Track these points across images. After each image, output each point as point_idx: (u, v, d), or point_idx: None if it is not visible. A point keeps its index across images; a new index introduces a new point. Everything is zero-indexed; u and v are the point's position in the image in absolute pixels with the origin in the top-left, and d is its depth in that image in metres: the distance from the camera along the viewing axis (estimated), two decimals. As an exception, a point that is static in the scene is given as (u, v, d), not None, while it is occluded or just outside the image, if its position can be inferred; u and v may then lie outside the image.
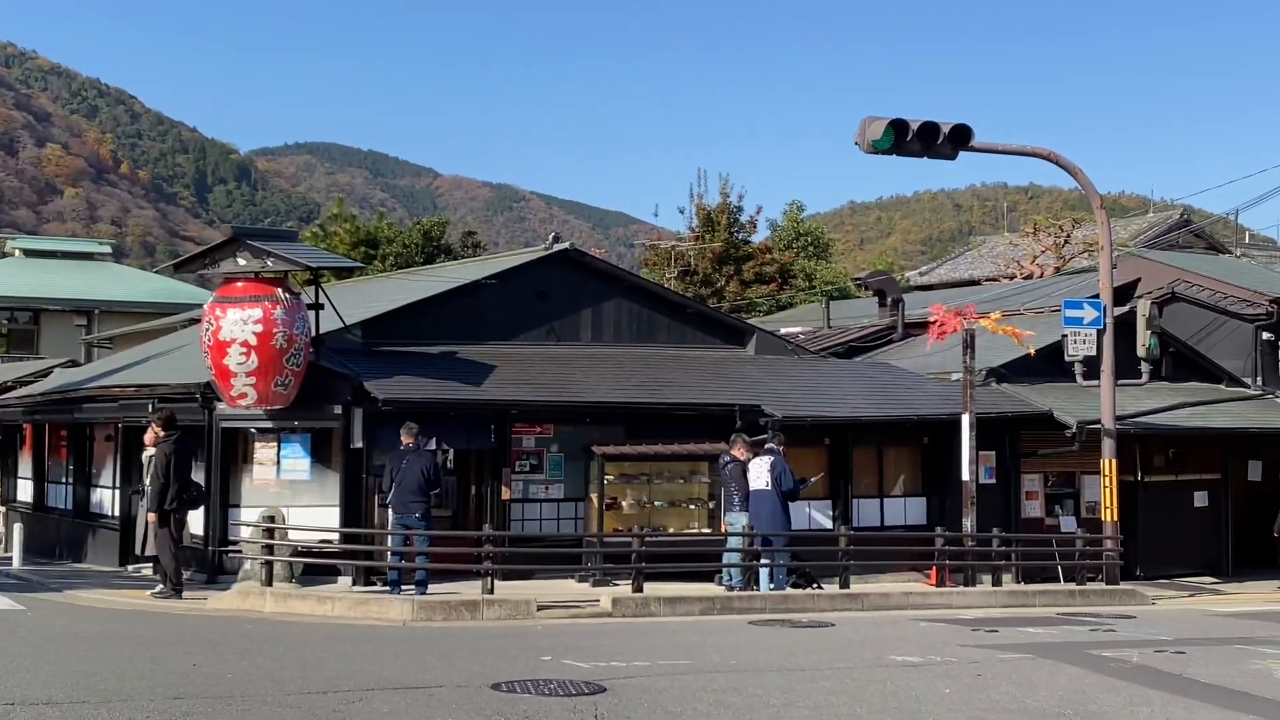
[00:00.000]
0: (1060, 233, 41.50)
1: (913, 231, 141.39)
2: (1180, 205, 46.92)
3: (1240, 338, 25.06)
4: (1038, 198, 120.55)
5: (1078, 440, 20.55)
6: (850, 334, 27.40)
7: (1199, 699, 10.48)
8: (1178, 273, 26.64)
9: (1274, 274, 29.81)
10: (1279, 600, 19.62)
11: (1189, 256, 31.68)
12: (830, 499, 20.49)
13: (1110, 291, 20.45)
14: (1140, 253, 30.36)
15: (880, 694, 10.32)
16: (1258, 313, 24.84)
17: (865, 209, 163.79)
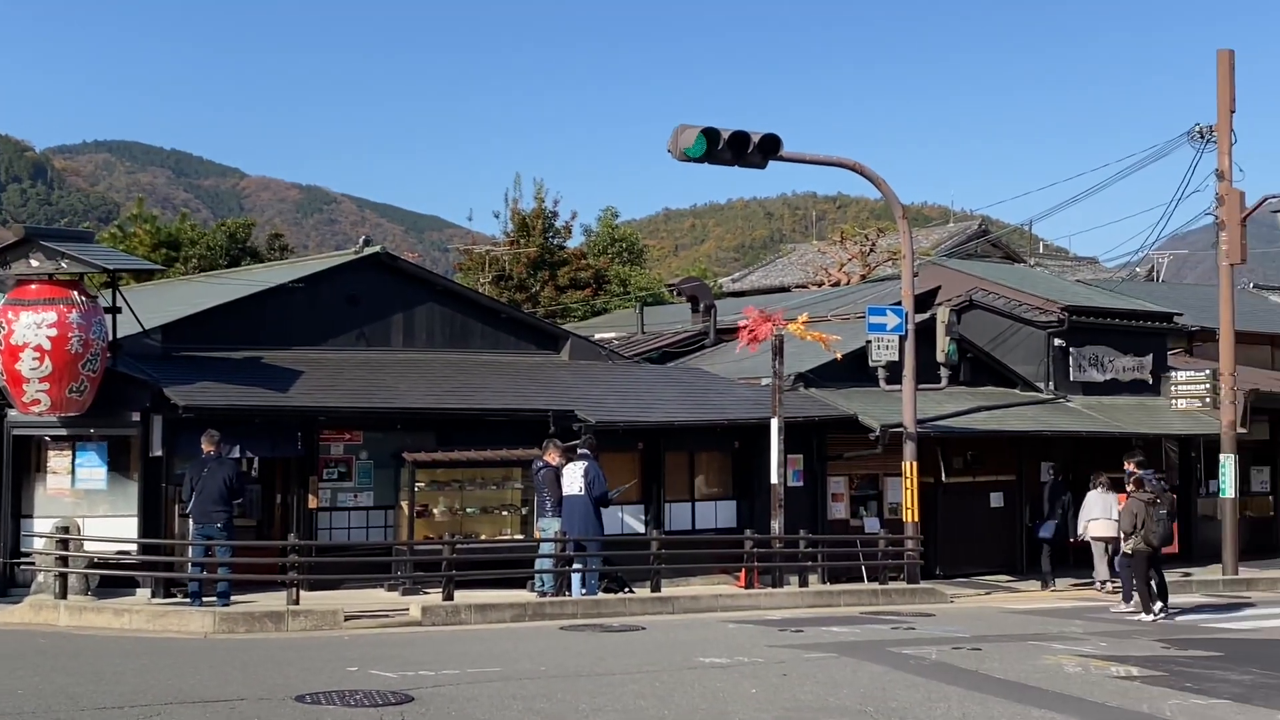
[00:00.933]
0: (866, 241, 42.59)
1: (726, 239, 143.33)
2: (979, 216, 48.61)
3: (1034, 344, 26.01)
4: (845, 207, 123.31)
5: (881, 443, 21.09)
6: (664, 340, 27.63)
7: (994, 694, 10.85)
8: (976, 281, 27.54)
9: (1065, 283, 31.06)
10: (1070, 597, 20.43)
11: (987, 265, 32.80)
12: (643, 503, 20.62)
13: (912, 299, 21.04)
14: (941, 261, 31.33)
15: (689, 696, 10.43)
16: (1050, 320, 25.83)
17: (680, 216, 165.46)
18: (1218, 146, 23.21)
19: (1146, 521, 17.52)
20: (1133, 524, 17.64)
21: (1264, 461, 28.02)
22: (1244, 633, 16.04)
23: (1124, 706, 10.47)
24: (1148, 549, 17.57)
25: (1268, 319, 32.14)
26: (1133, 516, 17.67)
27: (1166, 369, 26.81)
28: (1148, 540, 17.52)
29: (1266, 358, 30.35)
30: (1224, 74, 23.04)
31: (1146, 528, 17.50)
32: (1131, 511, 17.74)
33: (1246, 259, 23.61)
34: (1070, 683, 11.57)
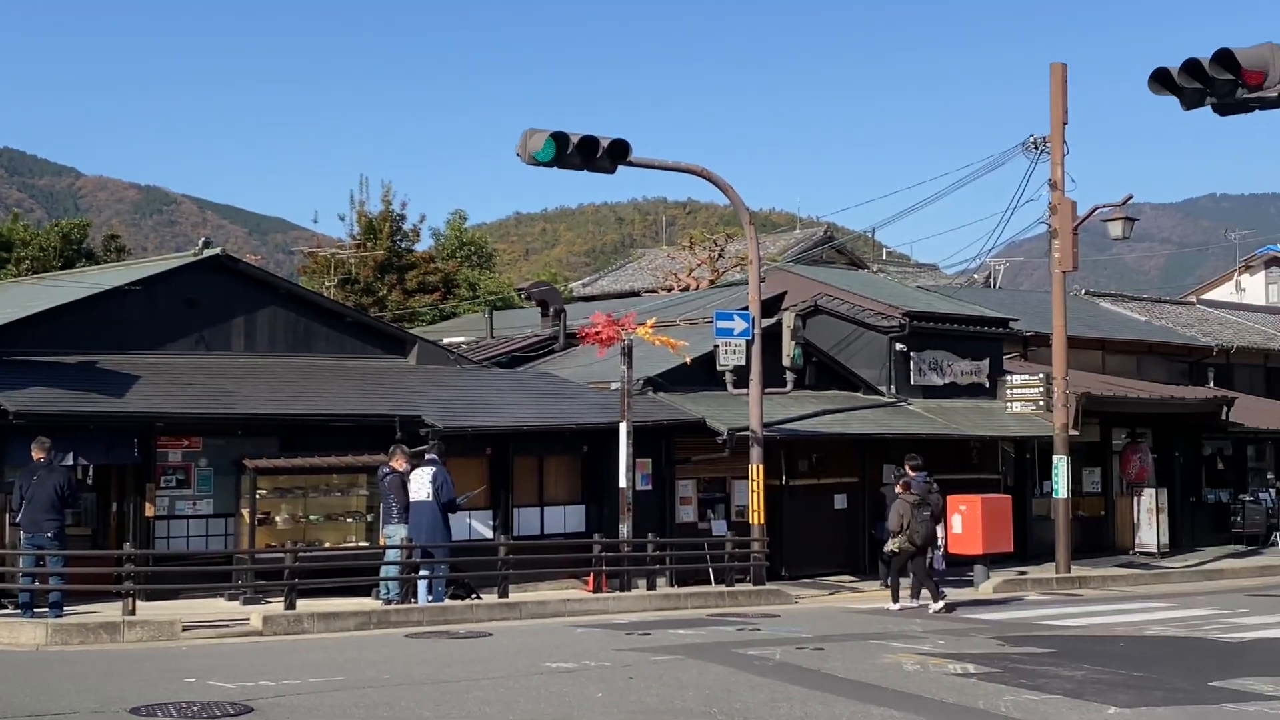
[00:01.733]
0: (715, 247, 42.96)
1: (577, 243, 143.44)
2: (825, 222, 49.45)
3: (876, 348, 26.53)
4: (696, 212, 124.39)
5: (729, 446, 21.29)
6: (513, 344, 27.51)
7: (835, 693, 11.03)
8: (821, 287, 28.00)
9: (907, 289, 31.73)
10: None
11: (831, 271, 33.38)
12: (491, 509, 20.51)
13: (759, 304, 21.31)
14: (787, 267, 31.78)
15: (534, 701, 10.40)
16: (892, 325, 26.38)
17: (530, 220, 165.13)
18: (1051, 157, 23.93)
19: (911, 522, 18.40)
20: (899, 524, 18.49)
21: (1095, 462, 28.99)
22: (1076, 629, 16.54)
23: (961, 703, 10.72)
24: (911, 548, 18.48)
25: (1099, 325, 33.29)
26: (899, 517, 18.52)
27: (1003, 373, 27.56)
28: (911, 540, 18.40)
29: (1098, 362, 31.43)
30: (1057, 87, 23.77)
31: (911, 528, 18.39)
32: (898, 512, 18.59)
33: (1078, 266, 24.38)
34: (910, 681, 11.81)
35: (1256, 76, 13.61)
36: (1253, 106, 14.19)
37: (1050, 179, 23.82)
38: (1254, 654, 14.38)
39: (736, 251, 40.49)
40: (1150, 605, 19.70)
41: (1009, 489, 25.91)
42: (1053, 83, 23.86)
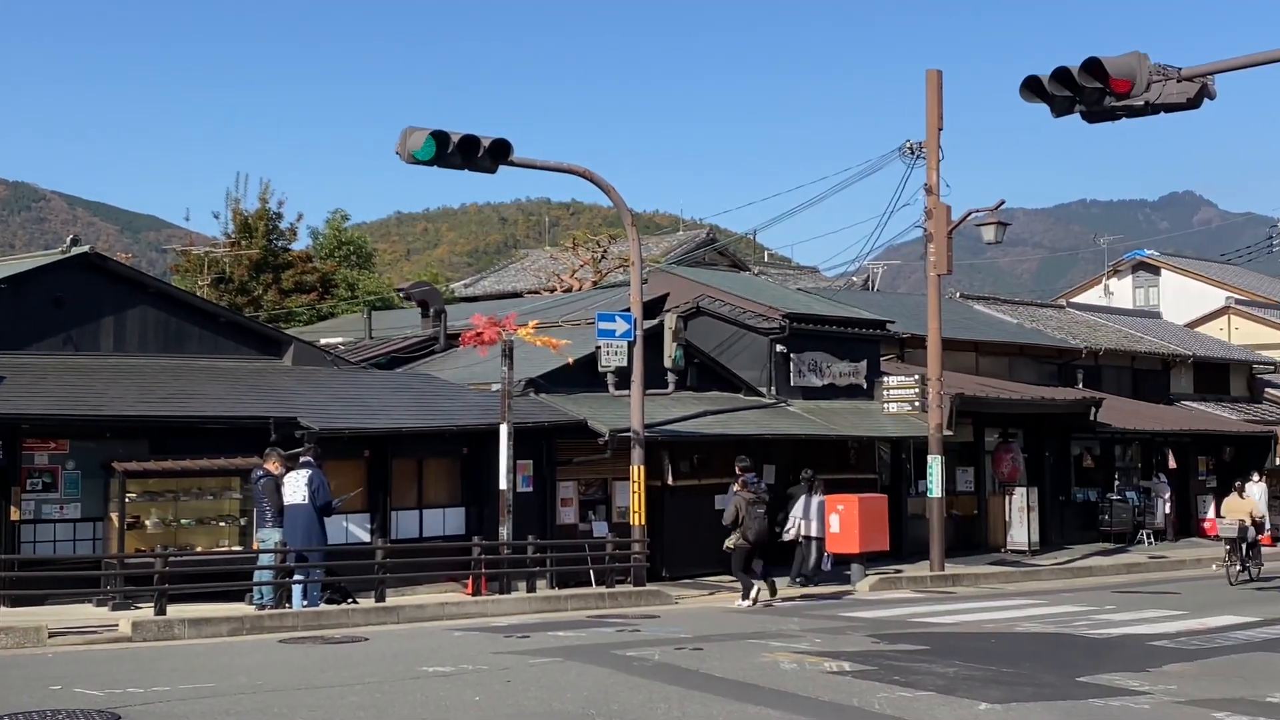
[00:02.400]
0: (598, 248, 43.01)
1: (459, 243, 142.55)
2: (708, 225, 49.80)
3: (757, 349, 26.74)
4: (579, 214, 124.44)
5: (610, 448, 21.30)
6: (393, 345, 27.24)
7: (713, 693, 11.07)
8: (703, 288, 28.15)
9: (788, 291, 32.05)
10: (788, 596, 21.03)
11: (713, 273, 33.58)
12: (369, 511, 20.26)
13: (640, 305, 21.34)
14: (669, 269, 31.89)
15: (410, 705, 10.28)
16: (772, 327, 26.60)
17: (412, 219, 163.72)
18: (927, 162, 24.36)
19: (745, 519, 18.90)
20: (735, 520, 19.01)
21: (969, 462, 29.54)
22: (949, 626, 16.82)
23: (836, 701, 10.82)
24: (746, 544, 18.99)
25: (973, 327, 33.92)
26: (735, 512, 19.03)
27: (880, 374, 27.96)
28: (745, 536, 18.91)
29: (971, 363, 32.03)
30: (933, 93, 24.19)
31: (745, 524, 18.89)
32: (735, 508, 19.08)
33: (953, 270, 24.82)
34: (786, 679, 11.90)
35: (1124, 85, 14.00)
36: (1120, 114, 14.60)
37: (926, 184, 24.24)
38: (1120, 649, 14.74)
39: (619, 253, 40.57)
40: (1021, 602, 20.11)
41: (885, 488, 26.30)
42: (928, 89, 24.27)
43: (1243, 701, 11.31)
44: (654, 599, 19.67)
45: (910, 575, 23.09)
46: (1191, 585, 23.45)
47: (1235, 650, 14.85)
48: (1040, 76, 14.31)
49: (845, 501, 22.37)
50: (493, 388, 21.32)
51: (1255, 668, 13.54)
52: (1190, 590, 22.32)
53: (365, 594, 17.90)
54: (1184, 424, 34.17)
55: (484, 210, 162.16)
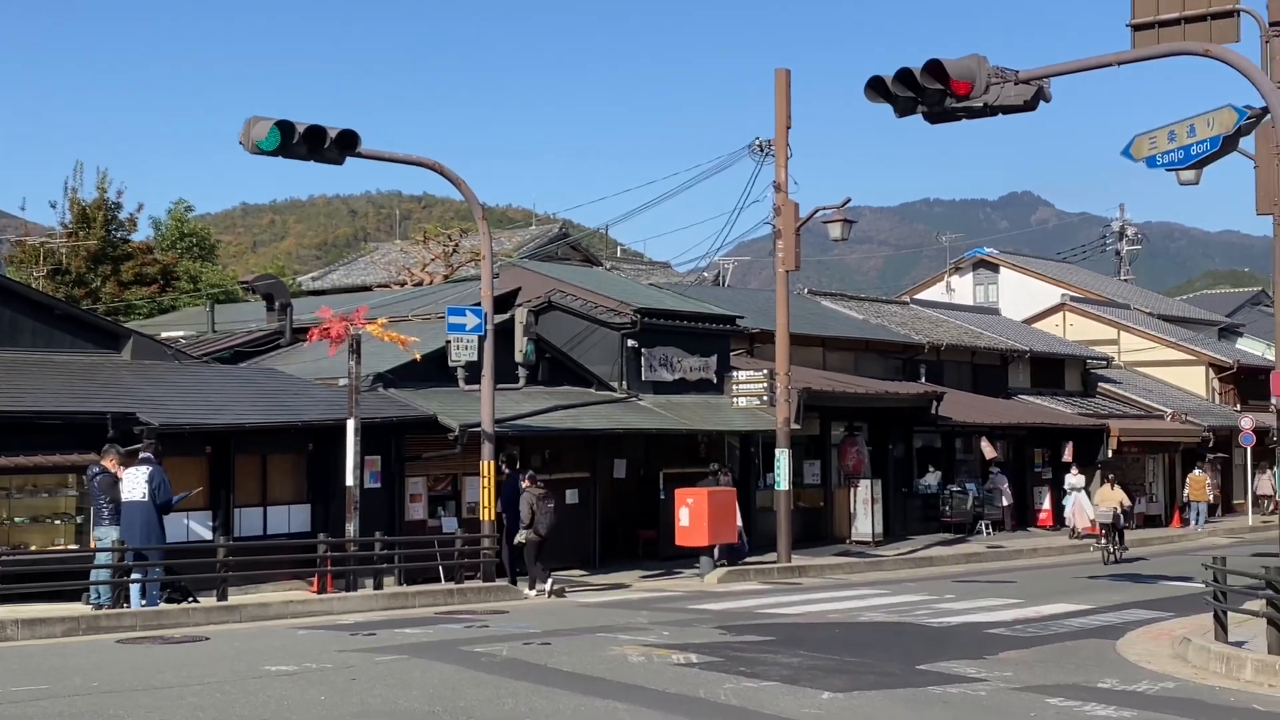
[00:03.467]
0: (449, 242, 42.65)
1: (308, 236, 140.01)
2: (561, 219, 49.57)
3: (609, 344, 26.81)
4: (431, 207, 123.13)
5: (460, 443, 21.15)
6: (236, 339, 26.66)
7: (560, 687, 11.08)
8: (555, 283, 28.12)
9: (639, 286, 32.19)
10: (638, 589, 21.17)
11: (565, 268, 33.56)
12: (211, 509, 19.80)
13: (491, 300, 21.23)
14: (521, 263, 31.80)
15: (251, 705, 10.09)
16: (624, 321, 26.68)
17: (258, 211, 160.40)
18: (775, 160, 24.70)
19: (537, 514, 19.89)
20: (530, 516, 19.89)
21: (816, 455, 30.03)
22: (795, 617, 17.09)
23: (683, 693, 10.92)
24: (538, 538, 19.98)
25: (821, 322, 34.45)
26: (529, 508, 19.96)
27: (730, 369, 28.25)
28: (537, 530, 19.91)
29: (819, 358, 32.53)
30: (781, 92, 24.52)
31: (537, 519, 19.90)
32: (528, 504, 20.01)
33: (800, 266, 25.23)
34: (634, 672, 11.97)
35: (964, 87, 14.35)
36: (960, 115, 14.97)
37: (775, 181, 24.58)
38: (959, 637, 15.14)
39: (471, 247, 40.30)
40: (865, 592, 20.52)
41: (735, 482, 26.57)
42: (777, 88, 24.60)
43: (1075, 687, 11.70)
44: (504, 594, 19.61)
45: (758, 567, 23.39)
46: (1028, 574, 24.18)
47: (1068, 637, 15.36)
48: (884, 77, 14.60)
49: (694, 495, 22.56)
50: (340, 383, 21.01)
51: (1086, 654, 14.02)
52: (1026, 579, 23.01)
53: (207, 593, 17.49)
54: (1021, 417, 35.17)
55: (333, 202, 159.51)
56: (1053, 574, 24.24)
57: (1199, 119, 15.19)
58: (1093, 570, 24.75)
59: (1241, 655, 13.02)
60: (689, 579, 22.31)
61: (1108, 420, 36.42)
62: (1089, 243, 66.78)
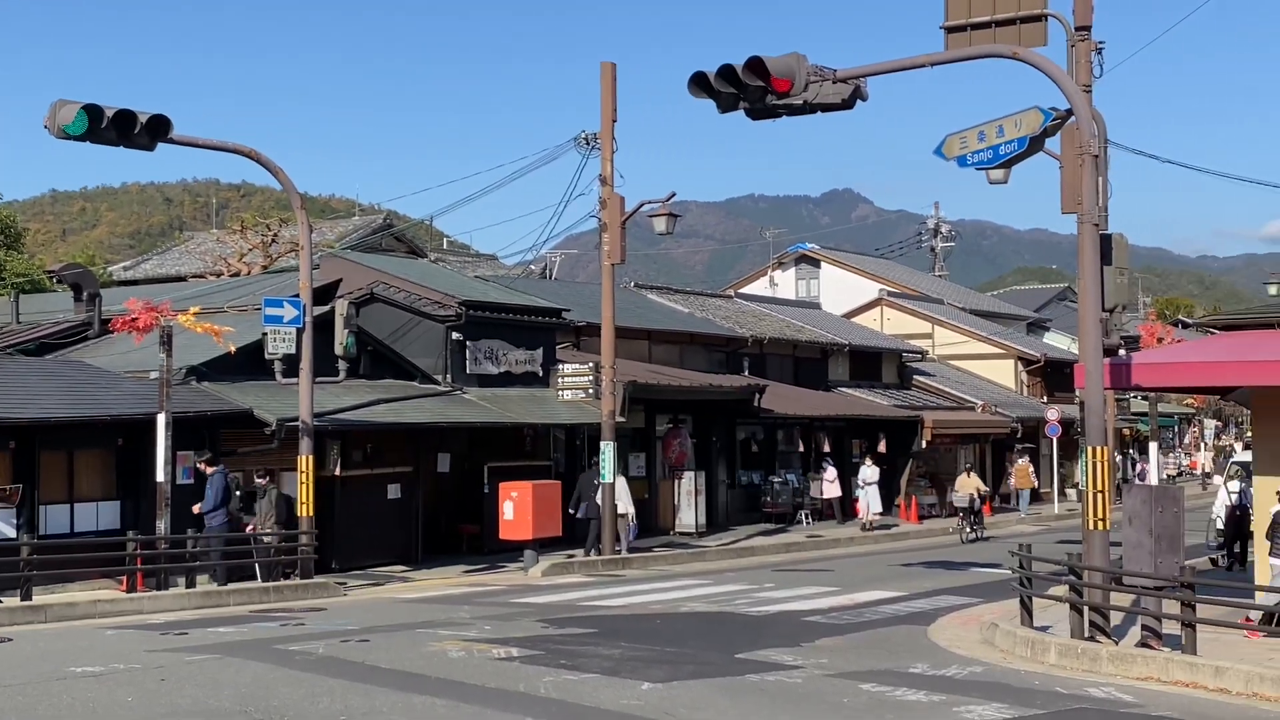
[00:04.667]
0: (268, 232, 41.71)
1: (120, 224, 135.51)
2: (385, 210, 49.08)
3: (433, 337, 26.50)
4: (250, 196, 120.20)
5: (278, 438, 20.69)
6: (42, 330, 25.64)
7: (378, 684, 10.93)
8: (378, 275, 27.69)
9: (465, 278, 31.93)
10: (460, 584, 21.02)
11: (389, 259, 33.07)
12: (14, 507, 19.00)
13: (310, 291, 20.81)
14: (342, 254, 31.24)
15: (56, 708, 9.74)
16: (448, 314, 26.40)
17: (69, 198, 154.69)
18: (601, 153, 24.73)
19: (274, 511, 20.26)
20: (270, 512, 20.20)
21: (641, 448, 30.18)
22: (617, 609, 17.16)
23: (502, 687, 10.87)
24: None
25: (647, 316, 34.63)
26: (270, 505, 20.20)
27: (556, 362, 28.21)
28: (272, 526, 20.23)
29: (645, 351, 32.70)
30: (607, 85, 24.56)
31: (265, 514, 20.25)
32: (270, 500, 20.23)
33: (626, 259, 25.30)
34: (454, 667, 11.87)
35: (784, 84, 14.55)
36: (781, 112, 15.17)
37: (601, 174, 24.62)
38: (777, 625, 15.39)
39: (291, 237, 39.45)
40: (688, 583, 20.72)
41: (560, 475, 26.57)
42: (603, 81, 24.63)
43: (887, 673, 12.00)
44: (322, 591, 19.26)
45: (582, 560, 23.41)
46: (845, 563, 24.70)
47: (882, 624, 15.74)
48: (707, 73, 14.72)
49: (519, 488, 22.49)
50: (150, 376, 20.36)
51: (899, 640, 14.39)
52: (843, 568, 23.50)
53: (10, 593, 16.80)
54: (840, 409, 35.90)
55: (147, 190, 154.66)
56: (869, 562, 24.82)
57: (1007, 120, 15.64)
58: (907, 558, 25.41)
59: (1046, 639, 13.51)
60: (513, 573, 22.24)
61: (922, 412, 37.37)
62: (906, 239, 68.45)
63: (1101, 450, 13.91)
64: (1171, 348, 21.44)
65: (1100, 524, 13.82)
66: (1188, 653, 12.40)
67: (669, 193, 25.59)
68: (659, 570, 23.43)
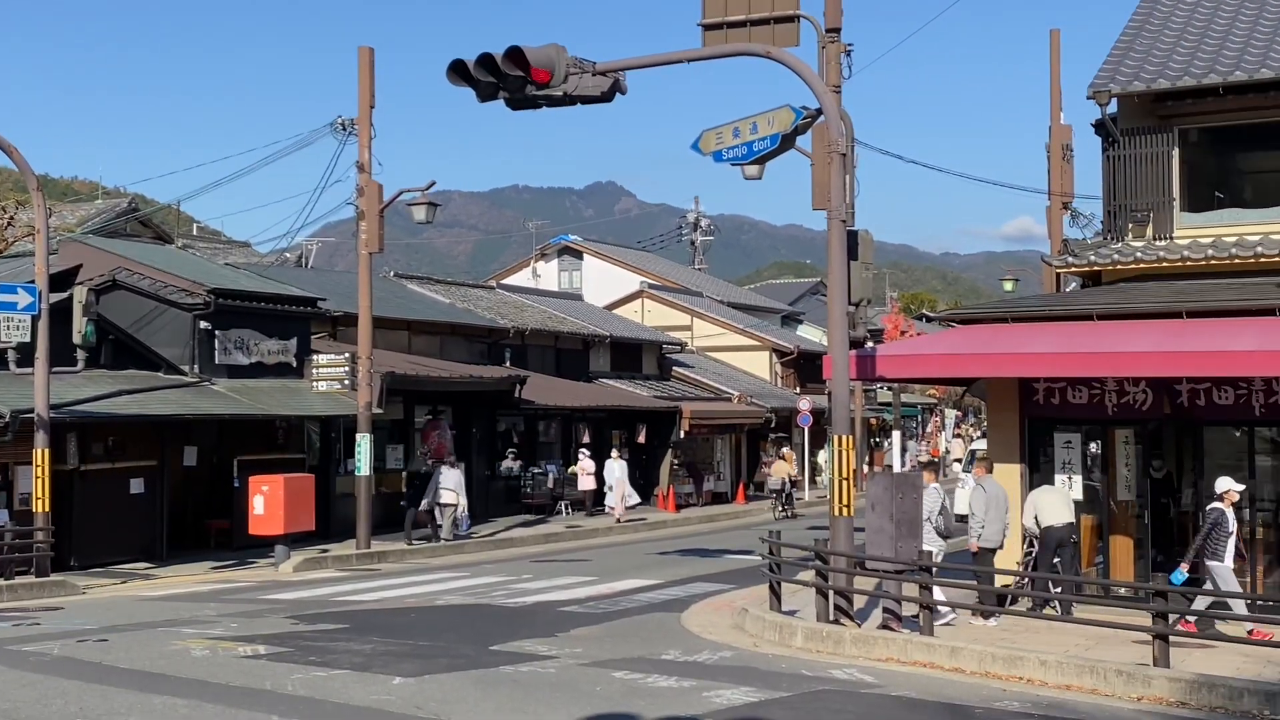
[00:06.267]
0: (2, 215, 39.55)
1: None
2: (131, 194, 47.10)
3: (180, 326, 25.55)
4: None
5: (11, 430, 19.66)
6: None
7: (117, 684, 10.51)
8: (121, 260, 26.54)
9: (215, 266, 30.89)
10: (207, 581, 20.37)
11: (134, 245, 31.74)
12: None
13: (47, 277, 19.86)
14: (84, 239, 29.85)
15: None
16: (197, 302, 25.49)
17: None
18: (359, 140, 24.30)
19: None
20: None
21: (399, 440, 29.79)
22: (371, 604, 16.89)
23: (249, 685, 10.58)
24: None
25: (407, 306, 34.19)
26: None
27: (310, 352, 27.57)
28: None
29: (404, 342, 32.28)
30: (364, 70, 24.14)
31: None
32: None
33: (384, 248, 24.91)
34: (197, 666, 11.50)
35: (543, 75, 14.53)
36: (541, 103, 15.16)
37: (358, 161, 24.21)
38: (534, 617, 15.41)
39: (28, 220, 37.45)
40: (445, 575, 20.55)
41: (315, 468, 26.02)
42: (360, 66, 24.21)
43: (640, 660, 12.14)
44: (59, 590, 18.41)
45: (336, 554, 22.99)
46: (603, 552, 24.91)
47: (638, 612, 15.93)
48: (467, 62, 14.58)
49: (270, 482, 21.91)
50: None
51: (653, 628, 14.59)
52: (601, 557, 23.70)
53: None
54: (601, 400, 36.15)
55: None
56: (627, 551, 25.09)
57: (761, 117, 15.98)
58: (664, 546, 25.78)
59: (793, 624, 13.89)
60: (263, 569, 21.67)
61: (681, 402, 37.95)
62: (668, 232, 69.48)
63: (848, 439, 14.36)
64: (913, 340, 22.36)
65: (845, 510, 14.28)
66: (925, 634, 12.94)
67: (429, 181, 25.30)
68: (416, 564, 23.17)
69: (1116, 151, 16.90)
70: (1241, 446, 15.56)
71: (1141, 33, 18.31)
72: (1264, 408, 14.83)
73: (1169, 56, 17.29)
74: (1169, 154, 16.69)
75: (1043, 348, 15.07)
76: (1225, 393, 15.02)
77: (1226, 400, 15.05)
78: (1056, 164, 23.98)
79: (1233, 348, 13.78)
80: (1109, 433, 16.07)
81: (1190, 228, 16.74)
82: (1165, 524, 15.92)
